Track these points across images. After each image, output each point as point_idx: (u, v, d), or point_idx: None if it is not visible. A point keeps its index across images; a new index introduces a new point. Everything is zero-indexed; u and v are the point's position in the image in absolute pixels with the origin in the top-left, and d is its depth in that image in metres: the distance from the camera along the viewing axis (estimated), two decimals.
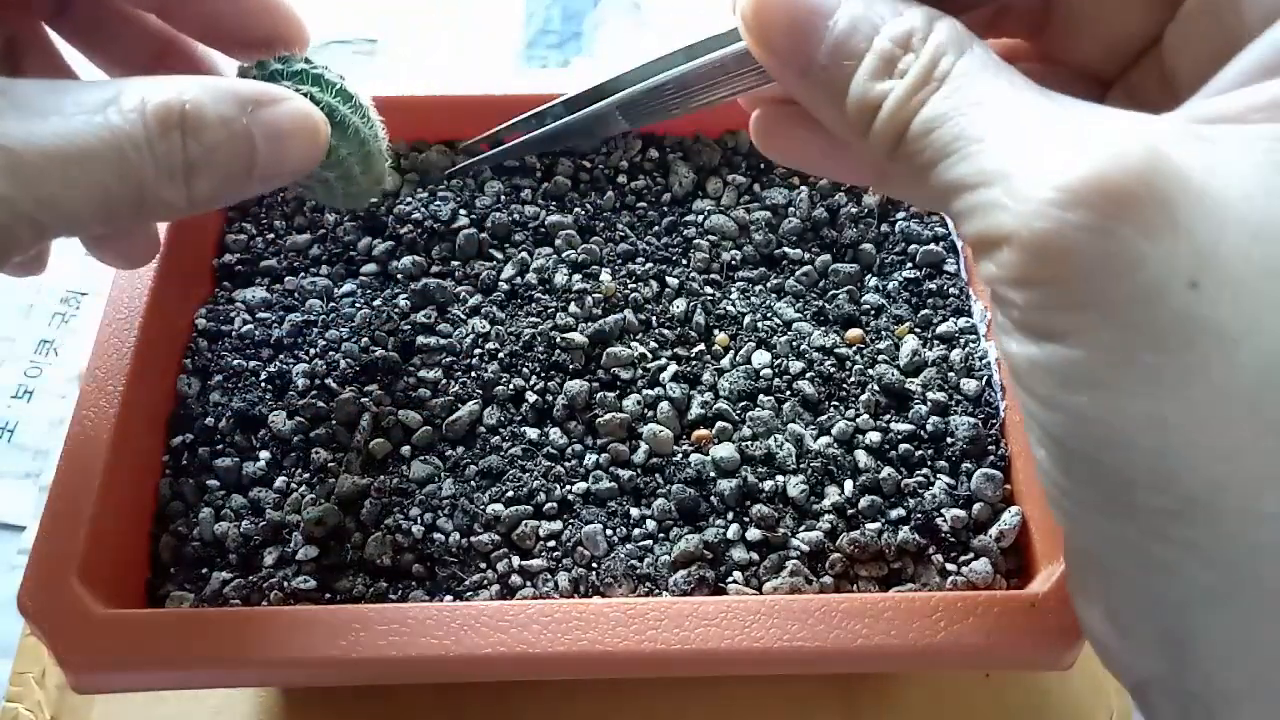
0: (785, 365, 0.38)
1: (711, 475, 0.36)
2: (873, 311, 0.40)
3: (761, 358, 0.38)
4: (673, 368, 0.38)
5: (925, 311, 0.40)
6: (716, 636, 0.30)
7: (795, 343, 0.39)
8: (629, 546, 0.34)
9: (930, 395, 0.37)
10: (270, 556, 0.34)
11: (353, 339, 0.39)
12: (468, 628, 0.30)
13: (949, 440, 0.36)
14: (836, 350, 0.39)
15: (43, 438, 0.49)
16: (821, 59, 0.25)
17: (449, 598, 0.33)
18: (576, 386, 0.37)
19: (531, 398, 0.37)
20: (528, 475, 0.36)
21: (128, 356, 0.36)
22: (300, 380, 0.38)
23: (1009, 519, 0.34)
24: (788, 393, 0.38)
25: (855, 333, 0.39)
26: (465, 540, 0.34)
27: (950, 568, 0.34)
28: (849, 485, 0.35)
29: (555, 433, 0.37)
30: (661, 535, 0.35)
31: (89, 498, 0.33)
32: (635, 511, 0.35)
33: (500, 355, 0.38)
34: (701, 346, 0.39)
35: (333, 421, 0.37)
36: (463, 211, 0.42)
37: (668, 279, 0.41)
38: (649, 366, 0.38)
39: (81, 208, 0.26)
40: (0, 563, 0.45)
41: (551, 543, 0.35)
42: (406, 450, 0.36)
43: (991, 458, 0.36)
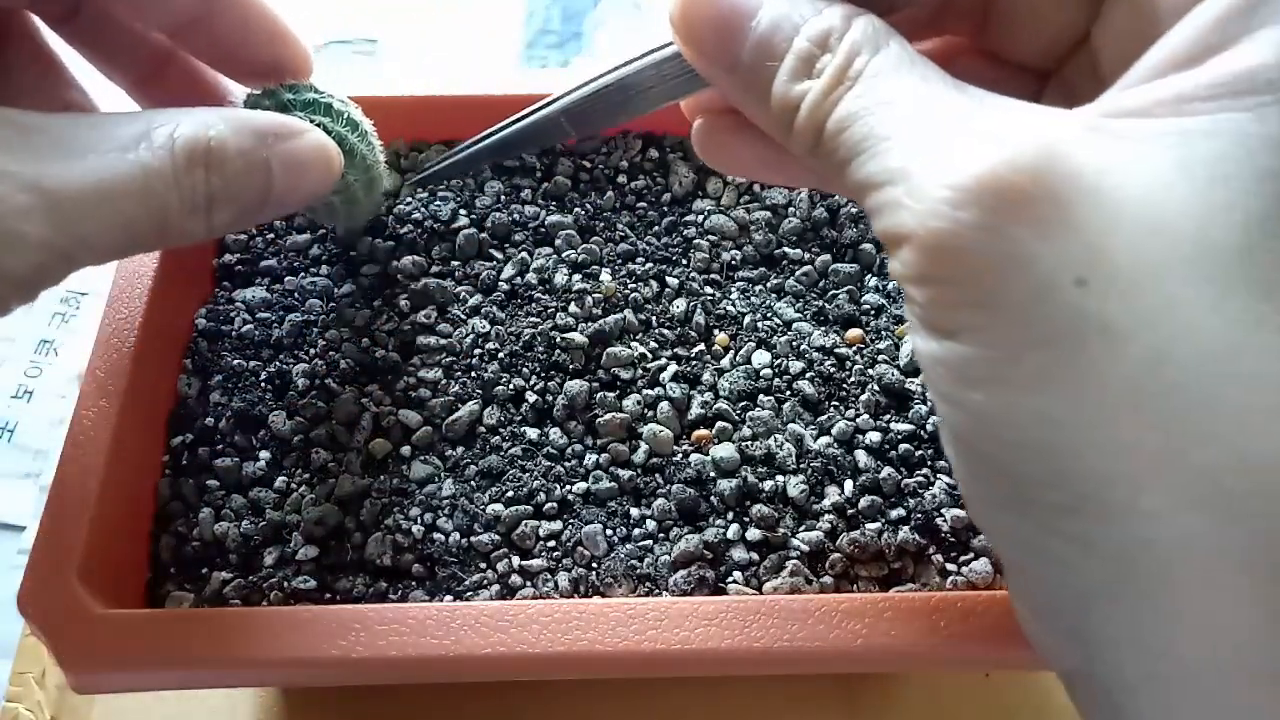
0: (785, 365, 0.38)
1: (711, 475, 0.36)
2: (873, 311, 0.40)
3: (761, 358, 0.38)
4: (673, 368, 0.38)
5: None
6: (716, 636, 0.30)
7: (795, 343, 0.39)
8: (629, 546, 0.34)
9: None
10: (270, 556, 0.34)
11: (353, 339, 0.39)
12: (468, 628, 0.30)
13: None
14: (836, 350, 0.39)
15: (43, 438, 0.49)
16: (745, 59, 0.25)
17: (449, 598, 0.33)
18: (576, 386, 0.37)
19: (531, 398, 0.37)
20: (528, 475, 0.36)
21: (128, 356, 0.36)
22: (300, 380, 0.38)
23: None
24: (788, 393, 0.38)
25: (855, 333, 0.39)
26: (465, 540, 0.34)
27: (950, 568, 0.34)
28: (849, 485, 0.35)
29: (555, 433, 0.37)
30: (661, 535, 0.35)
31: (89, 498, 0.33)
32: (635, 511, 0.35)
33: (500, 355, 0.38)
34: (701, 346, 0.39)
35: (333, 421, 0.37)
36: (463, 211, 0.42)
37: (668, 279, 0.41)
38: (649, 366, 0.38)
39: (111, 241, 0.26)
40: (0, 563, 0.45)
41: (551, 543, 0.35)
42: (406, 450, 0.36)
43: None
